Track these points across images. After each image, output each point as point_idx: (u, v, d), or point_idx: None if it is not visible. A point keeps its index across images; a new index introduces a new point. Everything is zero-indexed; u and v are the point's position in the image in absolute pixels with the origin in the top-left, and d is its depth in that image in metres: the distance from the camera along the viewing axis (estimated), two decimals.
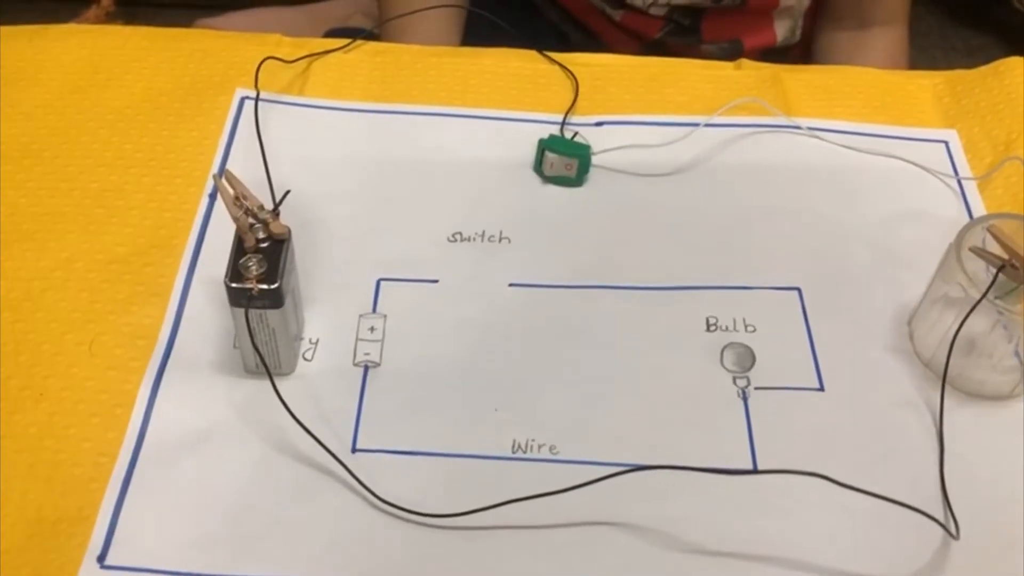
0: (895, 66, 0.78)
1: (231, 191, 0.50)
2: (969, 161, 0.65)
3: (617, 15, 0.83)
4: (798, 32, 0.84)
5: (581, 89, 0.67)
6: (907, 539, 0.47)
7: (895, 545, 0.47)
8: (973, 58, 0.71)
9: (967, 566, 0.47)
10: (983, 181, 0.63)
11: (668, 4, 0.79)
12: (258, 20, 1.07)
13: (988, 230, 0.52)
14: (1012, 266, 0.50)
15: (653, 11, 0.80)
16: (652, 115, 0.66)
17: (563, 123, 0.65)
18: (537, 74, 0.69)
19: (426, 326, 0.55)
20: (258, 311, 0.49)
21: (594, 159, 0.63)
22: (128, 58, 0.68)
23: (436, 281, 0.57)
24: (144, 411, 0.51)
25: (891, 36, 0.81)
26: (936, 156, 0.65)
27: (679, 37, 0.81)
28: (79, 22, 1.26)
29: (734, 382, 0.53)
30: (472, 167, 0.63)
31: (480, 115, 0.66)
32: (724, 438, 0.51)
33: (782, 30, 0.83)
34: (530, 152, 0.63)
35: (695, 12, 0.80)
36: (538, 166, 0.63)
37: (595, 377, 0.53)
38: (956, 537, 0.47)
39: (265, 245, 0.49)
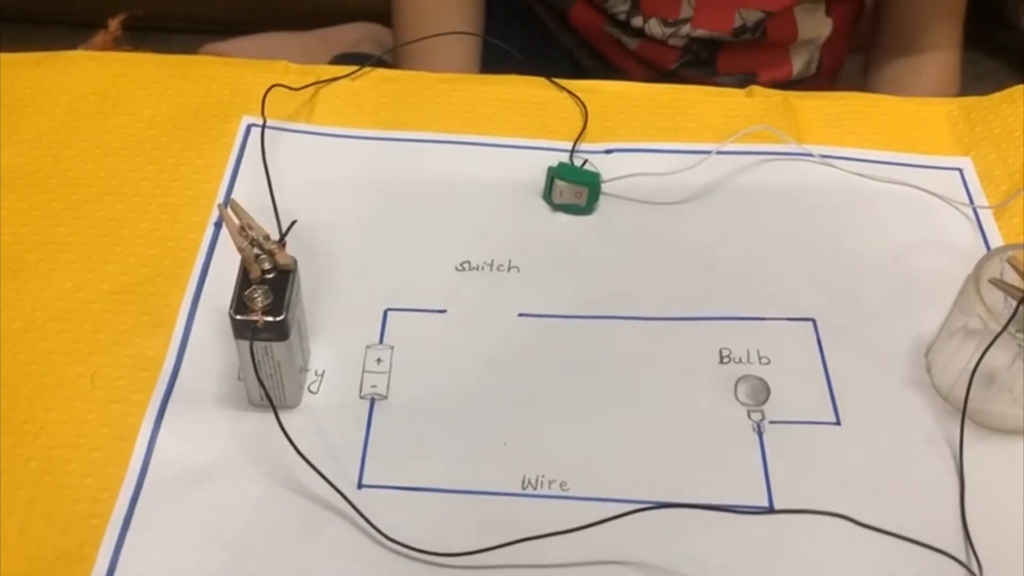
0: (946, 92, 0.77)
1: (236, 221, 0.49)
2: (984, 189, 0.64)
3: (633, 44, 0.82)
4: (814, 65, 0.84)
5: (591, 116, 0.67)
6: None
7: None
8: (982, 82, 0.71)
9: None
10: (999, 210, 0.62)
11: (687, 36, 0.79)
12: (266, 45, 1.08)
13: (1008, 261, 0.51)
14: None
15: (672, 42, 0.79)
16: (662, 143, 0.66)
17: (572, 151, 0.64)
18: (546, 101, 0.68)
19: (434, 357, 0.54)
20: (263, 343, 0.48)
21: (604, 187, 0.62)
22: (134, 85, 0.68)
23: (444, 311, 0.56)
24: (146, 445, 0.50)
25: (942, 61, 0.80)
26: (951, 184, 0.64)
27: (694, 69, 0.81)
28: (87, 48, 1.26)
29: (748, 416, 0.52)
30: (481, 195, 0.62)
31: (489, 142, 0.65)
32: (739, 474, 0.50)
33: (799, 64, 0.83)
34: (539, 180, 0.62)
35: (713, 44, 0.80)
36: (547, 194, 0.62)
37: (606, 410, 0.52)
38: None
39: (271, 276, 0.48)
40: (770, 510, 0.48)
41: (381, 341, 0.55)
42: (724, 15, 0.79)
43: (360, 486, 0.49)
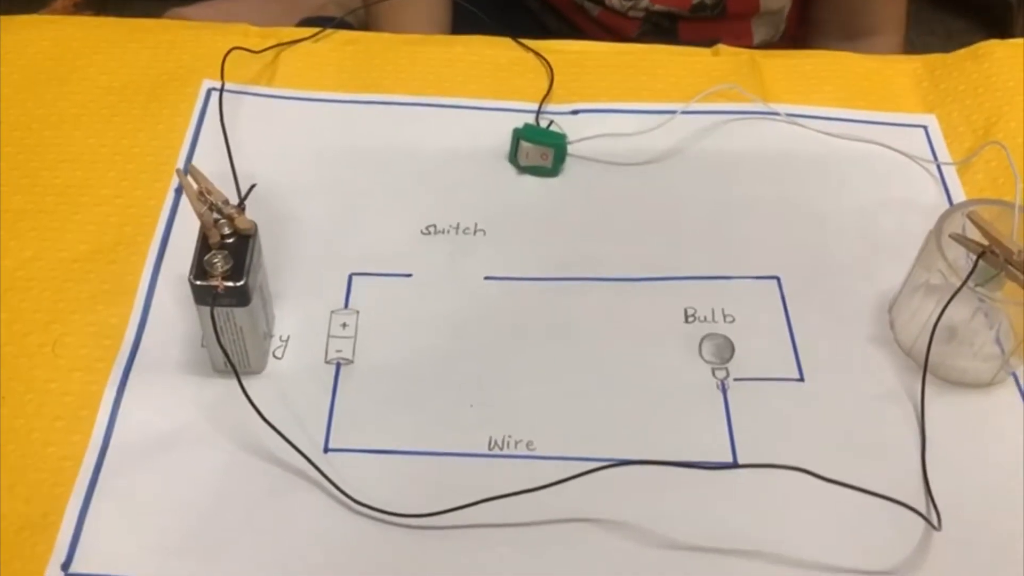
0: None
1: (194, 186, 0.48)
2: (948, 146, 0.64)
3: (595, 11, 0.81)
4: (779, 35, 0.83)
5: (557, 77, 0.66)
6: (889, 531, 0.47)
7: (877, 537, 0.47)
8: (952, 43, 0.70)
9: (949, 556, 0.46)
10: (963, 166, 0.62)
11: (646, 9, 0.78)
12: (230, 9, 1.05)
13: (968, 216, 0.51)
14: (992, 252, 0.50)
15: (631, 14, 0.78)
16: (629, 103, 0.65)
17: (538, 112, 0.64)
18: (512, 62, 0.68)
19: (400, 321, 0.54)
20: (224, 309, 0.47)
21: (570, 148, 0.62)
22: (92, 50, 0.67)
23: (410, 275, 0.56)
24: (110, 413, 0.50)
25: (884, 46, 0.77)
26: (915, 141, 0.64)
27: (656, 37, 0.80)
28: (46, 12, 1.23)
29: (713, 374, 0.52)
30: (445, 158, 0.62)
31: (453, 104, 0.65)
32: (703, 431, 0.50)
33: (761, 34, 0.82)
34: (505, 142, 0.62)
35: (673, 18, 0.79)
36: (513, 156, 0.62)
37: (572, 371, 0.52)
38: (938, 528, 0.47)
39: (231, 241, 0.47)
40: (734, 465, 0.49)
41: (346, 306, 0.55)
42: None
43: (326, 450, 0.49)
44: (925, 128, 0.65)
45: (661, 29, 0.80)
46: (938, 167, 0.63)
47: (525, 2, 0.87)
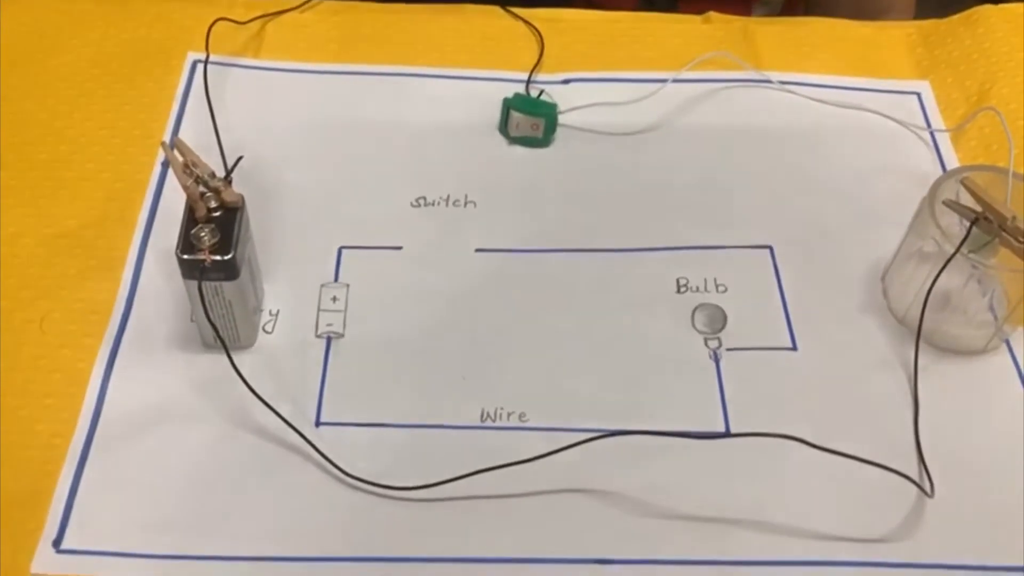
0: None
1: (180, 159, 0.48)
2: (942, 112, 0.63)
3: None
4: (778, 7, 0.82)
5: (547, 46, 0.65)
6: (882, 498, 0.47)
7: (870, 505, 0.47)
8: (946, 9, 0.70)
9: (942, 523, 0.46)
10: (956, 133, 0.62)
11: None
12: None
13: (962, 183, 0.51)
14: (986, 219, 0.49)
15: None
16: (620, 71, 0.64)
17: (528, 81, 0.63)
18: (501, 31, 0.67)
19: (390, 294, 0.54)
20: (213, 283, 0.47)
21: (561, 118, 0.61)
22: (75, 23, 0.66)
23: (400, 248, 0.56)
24: (99, 389, 0.50)
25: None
26: (909, 108, 0.63)
27: (654, 11, 0.79)
28: None
29: (706, 344, 0.52)
30: (435, 129, 0.61)
31: (443, 74, 0.64)
32: (696, 401, 0.50)
33: (760, 9, 0.81)
34: (495, 112, 0.61)
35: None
36: (503, 126, 0.61)
37: (564, 342, 0.52)
38: (931, 495, 0.47)
39: (218, 214, 0.47)
40: (726, 434, 0.49)
41: (336, 279, 0.54)
42: None
43: (318, 424, 0.49)
44: (919, 95, 0.64)
45: (660, 3, 0.79)
46: (932, 134, 0.62)
47: None
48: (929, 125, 0.62)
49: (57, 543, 0.45)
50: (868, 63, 0.66)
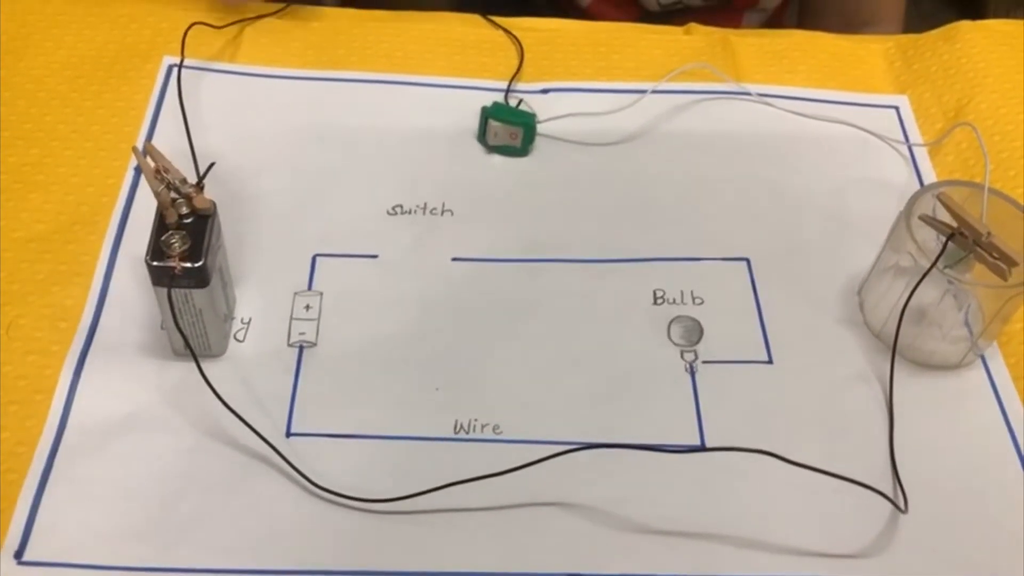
0: None
1: (152, 164, 0.47)
2: (920, 127, 0.64)
3: (585, 1, 0.80)
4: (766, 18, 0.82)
5: (527, 55, 0.65)
6: (856, 514, 0.47)
7: (844, 520, 0.47)
8: (926, 24, 0.70)
9: (915, 539, 0.46)
10: (934, 147, 0.62)
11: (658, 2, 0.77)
12: None
13: (938, 198, 0.51)
14: (961, 234, 0.49)
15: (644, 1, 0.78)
16: (599, 82, 0.64)
17: (507, 90, 0.63)
18: (481, 39, 0.66)
19: (365, 303, 0.53)
20: (183, 291, 0.46)
21: (539, 128, 0.61)
22: (49, 24, 0.65)
23: (375, 256, 0.55)
24: (65, 397, 0.49)
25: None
26: (887, 122, 0.63)
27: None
28: None
29: (682, 356, 0.52)
30: (413, 137, 0.61)
31: (422, 82, 0.64)
32: (672, 414, 0.50)
33: (751, 18, 0.81)
34: (474, 121, 0.61)
35: (686, 10, 0.78)
36: (482, 135, 0.61)
37: (540, 353, 0.52)
38: (904, 511, 0.46)
39: (189, 221, 0.46)
40: (701, 448, 0.48)
41: (310, 287, 0.54)
42: None
43: (288, 435, 0.48)
44: (897, 109, 0.64)
45: (652, 18, 0.79)
46: (909, 148, 0.62)
47: None
48: (907, 139, 0.63)
49: (19, 554, 0.44)
50: (847, 77, 0.66)
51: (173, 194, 0.46)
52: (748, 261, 0.56)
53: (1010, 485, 0.48)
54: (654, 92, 0.62)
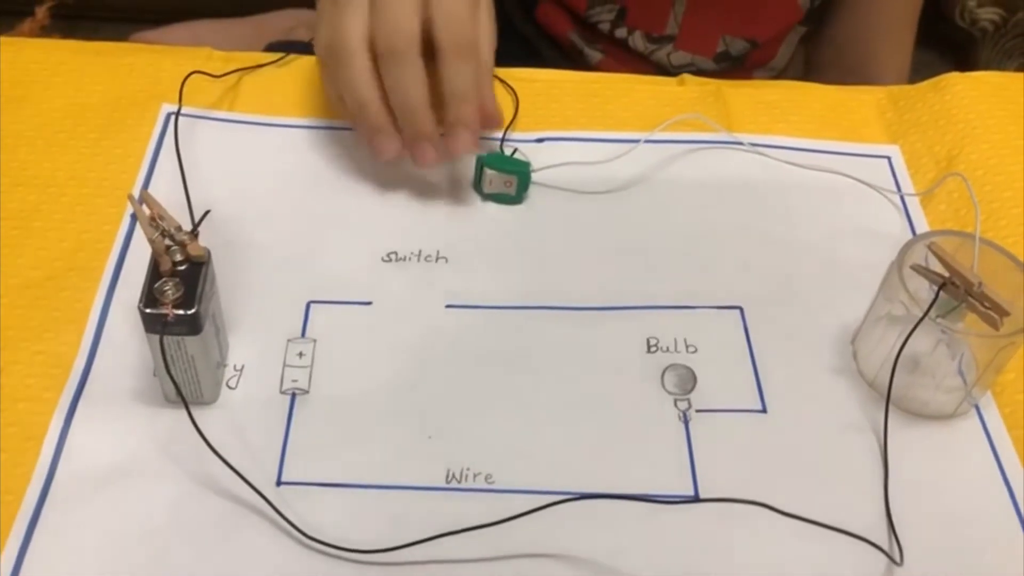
0: None
1: (147, 211, 0.47)
2: (912, 176, 0.64)
3: (595, 58, 0.81)
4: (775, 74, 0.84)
5: (522, 105, 0.66)
6: (852, 566, 0.46)
7: (840, 572, 0.46)
8: (918, 75, 0.71)
9: None
10: (926, 197, 0.63)
11: (667, 56, 0.77)
12: (196, 33, 1.05)
13: (929, 248, 0.51)
14: (953, 284, 0.50)
15: (655, 57, 0.78)
16: (593, 131, 0.65)
17: (503, 139, 0.63)
18: None
19: (358, 351, 0.53)
20: (175, 338, 0.46)
21: (534, 176, 0.61)
22: (49, 72, 0.66)
23: (369, 303, 0.55)
24: (55, 445, 0.48)
25: None
26: (879, 172, 0.64)
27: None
28: (13, 35, 1.22)
29: (675, 405, 0.52)
30: (408, 184, 0.61)
31: None
32: (665, 464, 0.49)
33: (760, 75, 0.83)
34: (469, 169, 0.61)
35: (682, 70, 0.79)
36: (477, 183, 0.61)
37: (532, 401, 0.52)
38: (899, 563, 0.46)
39: (183, 268, 0.46)
40: (695, 499, 0.48)
41: (303, 334, 0.54)
42: (709, 39, 0.78)
43: (279, 483, 0.48)
44: (888, 159, 0.65)
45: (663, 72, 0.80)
46: (901, 198, 0.63)
47: (520, 28, 0.86)
48: (899, 188, 0.63)
49: None
50: (839, 127, 0.66)
51: (167, 241, 0.47)
52: (741, 309, 0.56)
53: (1006, 537, 0.48)
54: (647, 142, 0.63)
